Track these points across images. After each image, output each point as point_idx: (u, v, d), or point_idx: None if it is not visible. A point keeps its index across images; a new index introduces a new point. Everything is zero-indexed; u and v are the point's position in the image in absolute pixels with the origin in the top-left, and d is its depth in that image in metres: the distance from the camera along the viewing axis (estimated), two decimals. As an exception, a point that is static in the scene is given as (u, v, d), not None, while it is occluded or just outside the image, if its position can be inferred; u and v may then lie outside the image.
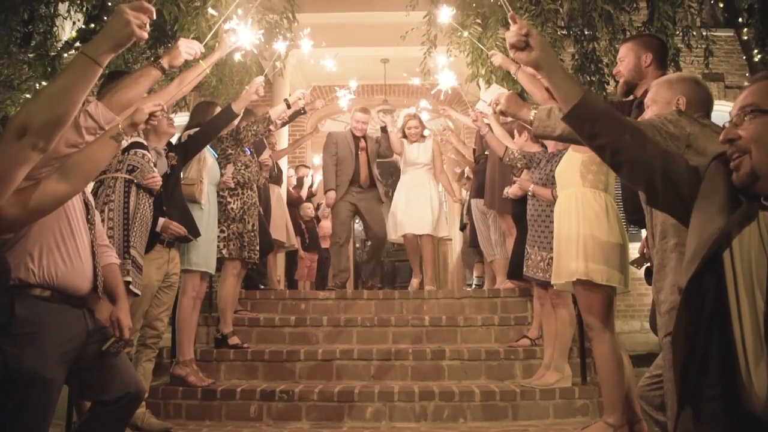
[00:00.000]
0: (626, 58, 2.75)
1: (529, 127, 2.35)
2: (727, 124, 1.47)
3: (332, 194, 5.57)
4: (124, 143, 2.98)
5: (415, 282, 5.57)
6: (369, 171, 5.67)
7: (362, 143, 5.71)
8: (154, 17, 1.70)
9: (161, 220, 3.27)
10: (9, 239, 1.84)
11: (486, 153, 4.99)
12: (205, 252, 3.73)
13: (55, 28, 6.29)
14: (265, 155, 5.03)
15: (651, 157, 1.52)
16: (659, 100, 2.11)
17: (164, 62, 2.37)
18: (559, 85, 1.59)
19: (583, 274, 2.91)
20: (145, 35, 1.64)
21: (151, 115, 2.04)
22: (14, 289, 1.83)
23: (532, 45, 1.60)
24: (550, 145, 3.75)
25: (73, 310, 2.02)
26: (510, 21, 1.65)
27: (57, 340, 1.91)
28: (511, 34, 1.62)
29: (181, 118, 5.17)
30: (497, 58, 3.32)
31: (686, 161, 1.55)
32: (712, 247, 1.31)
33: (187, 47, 2.46)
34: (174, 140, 3.67)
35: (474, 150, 5.66)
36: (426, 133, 5.81)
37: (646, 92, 2.28)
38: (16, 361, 1.76)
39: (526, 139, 4.02)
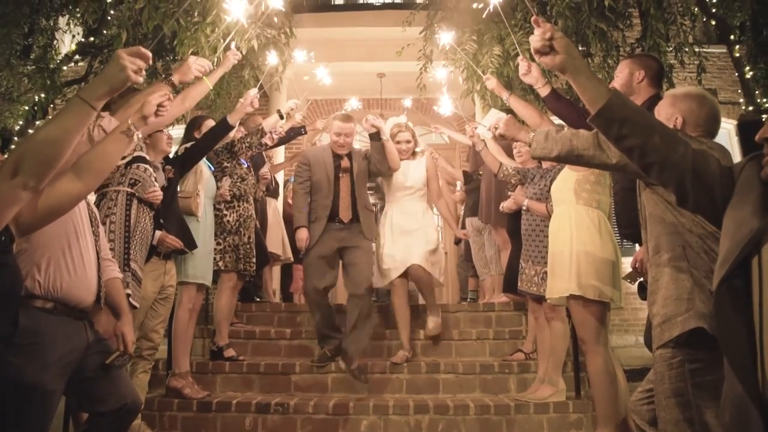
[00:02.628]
0: (621, 73, 2.84)
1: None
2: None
3: (303, 234, 4.05)
4: (132, 146, 3.01)
5: (401, 355, 4.14)
6: (352, 200, 4.14)
7: (344, 162, 4.19)
8: (150, 62, 1.75)
9: (158, 233, 3.29)
10: (20, 249, 1.87)
11: (480, 173, 5.05)
12: (201, 264, 3.75)
13: (54, 41, 6.35)
14: (265, 169, 5.06)
15: (681, 158, 1.50)
16: (661, 115, 2.11)
17: (175, 78, 2.43)
18: (585, 88, 1.57)
19: (576, 290, 2.95)
20: (140, 79, 1.69)
21: (159, 105, 2.06)
22: (18, 300, 1.86)
23: (557, 48, 1.58)
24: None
25: (74, 322, 2.04)
26: (534, 25, 1.63)
27: (58, 352, 1.93)
28: (536, 39, 1.60)
29: (177, 131, 5.21)
30: (491, 83, 3.38)
31: (718, 161, 1.52)
32: (743, 251, 1.28)
33: (197, 64, 2.52)
34: (171, 154, 3.71)
35: (464, 171, 5.63)
36: (419, 149, 4.52)
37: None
38: (18, 371, 1.78)
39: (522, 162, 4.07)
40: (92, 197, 2.78)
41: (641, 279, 2.65)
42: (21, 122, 6.08)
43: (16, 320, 1.82)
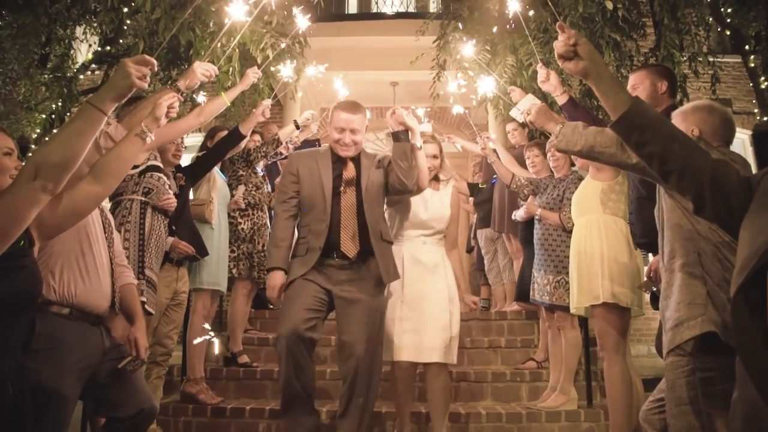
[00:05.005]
0: (641, 85, 2.80)
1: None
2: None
3: (277, 279, 2.84)
4: (143, 158, 3.05)
5: None
6: (360, 225, 2.87)
7: (348, 170, 2.94)
8: (155, 69, 1.81)
9: (170, 239, 3.33)
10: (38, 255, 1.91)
11: (495, 177, 5.03)
12: (216, 271, 3.79)
13: (72, 51, 6.44)
14: (279, 179, 5.10)
15: (701, 166, 1.51)
16: None
17: (181, 85, 2.45)
18: (607, 94, 1.59)
19: (609, 297, 2.96)
20: (145, 85, 1.77)
21: (170, 107, 2.12)
22: (35, 306, 1.90)
23: (581, 54, 1.59)
24: (558, 171, 3.81)
25: (90, 328, 2.08)
26: (558, 30, 1.65)
27: (75, 357, 1.97)
28: (560, 44, 1.62)
29: (192, 139, 5.26)
30: (516, 94, 3.33)
31: (738, 171, 1.53)
32: (760, 260, 1.29)
33: (202, 69, 2.53)
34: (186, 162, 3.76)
35: (469, 183, 5.61)
36: (443, 175, 3.29)
37: None
38: (36, 375, 1.82)
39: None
40: (107, 205, 2.83)
41: (655, 289, 2.65)
42: (39, 130, 6.17)
43: (33, 326, 1.86)
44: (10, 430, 1.63)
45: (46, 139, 5.72)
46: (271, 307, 4.99)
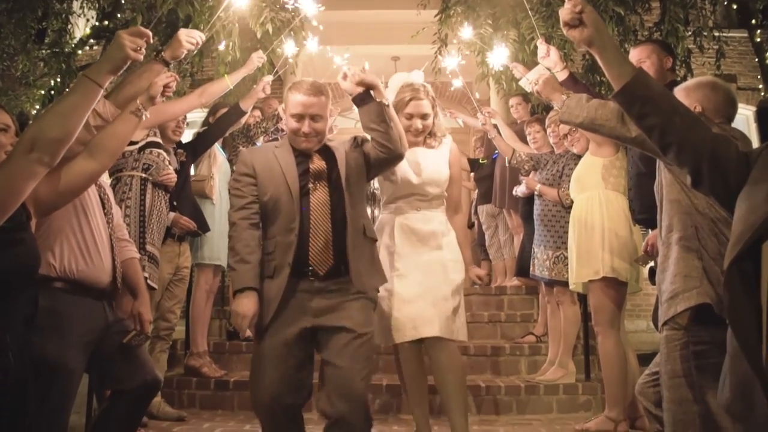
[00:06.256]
0: (649, 59, 2.78)
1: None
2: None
3: (248, 304, 2.19)
4: (142, 134, 3.05)
5: None
6: (335, 228, 2.29)
7: (316, 163, 2.37)
8: (151, 41, 1.80)
9: (171, 214, 3.35)
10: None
11: (496, 153, 5.02)
12: (217, 246, 3.81)
13: (69, 26, 6.35)
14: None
15: (700, 140, 1.51)
16: None
17: (167, 55, 2.36)
18: (610, 63, 1.57)
19: (609, 272, 3.00)
20: (140, 57, 1.77)
21: (166, 86, 2.11)
22: (37, 281, 1.92)
23: (586, 21, 1.57)
24: (558, 147, 3.81)
25: (93, 302, 2.10)
26: None
27: (78, 331, 1.99)
28: (565, 12, 1.60)
29: (194, 115, 5.23)
30: (518, 70, 3.29)
31: (737, 146, 1.53)
32: (755, 234, 1.30)
33: (187, 37, 2.40)
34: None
35: (469, 158, 5.59)
36: (438, 132, 2.78)
37: None
38: (40, 350, 1.83)
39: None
40: (107, 180, 2.83)
41: (652, 263, 2.67)
42: (38, 106, 6.14)
43: (36, 301, 1.88)
44: (13, 403, 1.65)
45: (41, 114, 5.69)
46: (242, 339, 4.07)
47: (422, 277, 2.58)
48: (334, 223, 2.28)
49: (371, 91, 2.33)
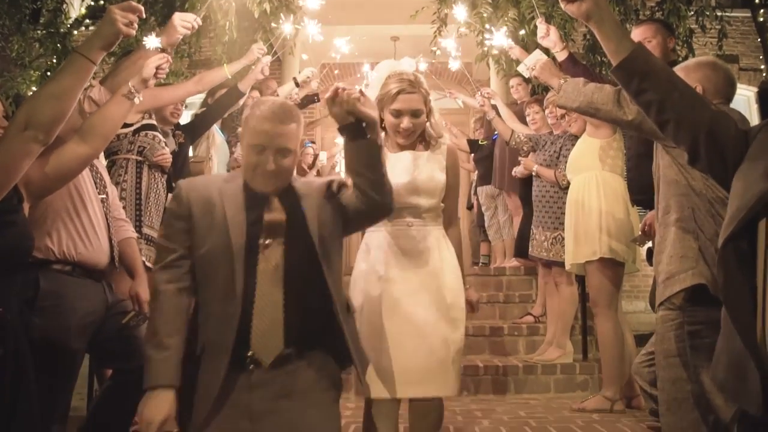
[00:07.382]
0: (654, 39, 2.76)
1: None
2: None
3: (161, 408, 1.52)
4: (137, 117, 3.04)
5: None
6: (288, 307, 1.62)
7: (273, 212, 1.70)
8: (144, 16, 1.78)
9: (169, 196, 3.34)
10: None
11: (495, 133, 5.00)
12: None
13: (64, 5, 6.28)
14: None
15: (698, 117, 1.50)
16: None
17: (162, 42, 2.35)
18: (609, 38, 1.55)
19: (607, 252, 3.01)
20: (132, 32, 1.74)
21: (158, 68, 2.09)
22: (37, 264, 1.92)
23: None
24: (556, 128, 3.79)
25: (93, 284, 2.11)
26: None
27: (79, 312, 2.00)
28: None
29: (193, 97, 5.20)
30: (515, 52, 3.29)
31: (735, 124, 1.52)
32: (750, 212, 1.30)
33: (181, 21, 2.39)
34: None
35: (469, 139, 5.58)
36: (434, 132, 2.18)
37: None
38: (42, 332, 1.85)
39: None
40: (103, 162, 2.82)
41: (650, 244, 2.68)
42: (34, 88, 6.10)
43: (37, 284, 1.89)
44: (12, 382, 1.66)
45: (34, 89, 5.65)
46: None
47: (414, 311, 2.00)
48: (288, 295, 1.64)
49: (363, 124, 1.68)
